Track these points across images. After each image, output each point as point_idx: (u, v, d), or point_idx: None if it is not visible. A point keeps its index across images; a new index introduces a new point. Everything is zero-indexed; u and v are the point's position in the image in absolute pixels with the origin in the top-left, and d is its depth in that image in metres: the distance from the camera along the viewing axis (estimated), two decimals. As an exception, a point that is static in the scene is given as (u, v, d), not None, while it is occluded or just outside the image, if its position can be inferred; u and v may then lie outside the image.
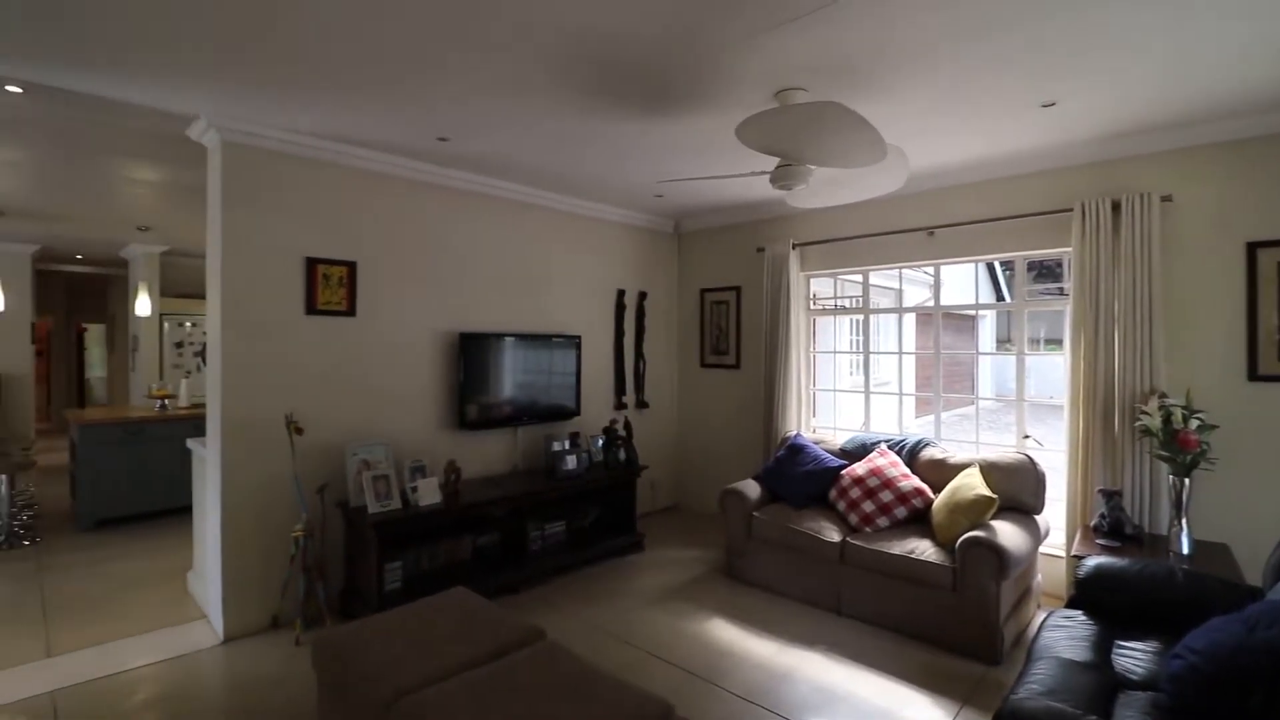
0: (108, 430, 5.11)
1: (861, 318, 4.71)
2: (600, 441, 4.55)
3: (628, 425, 4.59)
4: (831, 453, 4.05)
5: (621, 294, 5.13)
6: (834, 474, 3.79)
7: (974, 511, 3.12)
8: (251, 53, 2.37)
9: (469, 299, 4.12)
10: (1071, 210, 3.46)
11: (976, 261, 4.22)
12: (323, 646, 2.28)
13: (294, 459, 3.26)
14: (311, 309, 3.42)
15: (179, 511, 5.14)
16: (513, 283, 4.37)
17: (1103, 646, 2.21)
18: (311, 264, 3.42)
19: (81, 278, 9.93)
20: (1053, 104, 2.85)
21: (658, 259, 5.48)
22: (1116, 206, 3.32)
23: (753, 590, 3.75)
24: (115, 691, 2.70)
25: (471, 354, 3.97)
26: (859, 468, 3.73)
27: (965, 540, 2.98)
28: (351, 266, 3.56)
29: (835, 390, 4.91)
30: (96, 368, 11.13)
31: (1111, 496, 3.07)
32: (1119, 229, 3.32)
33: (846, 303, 5.07)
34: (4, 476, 4.71)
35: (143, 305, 6.98)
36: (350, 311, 3.56)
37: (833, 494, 3.74)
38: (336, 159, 3.47)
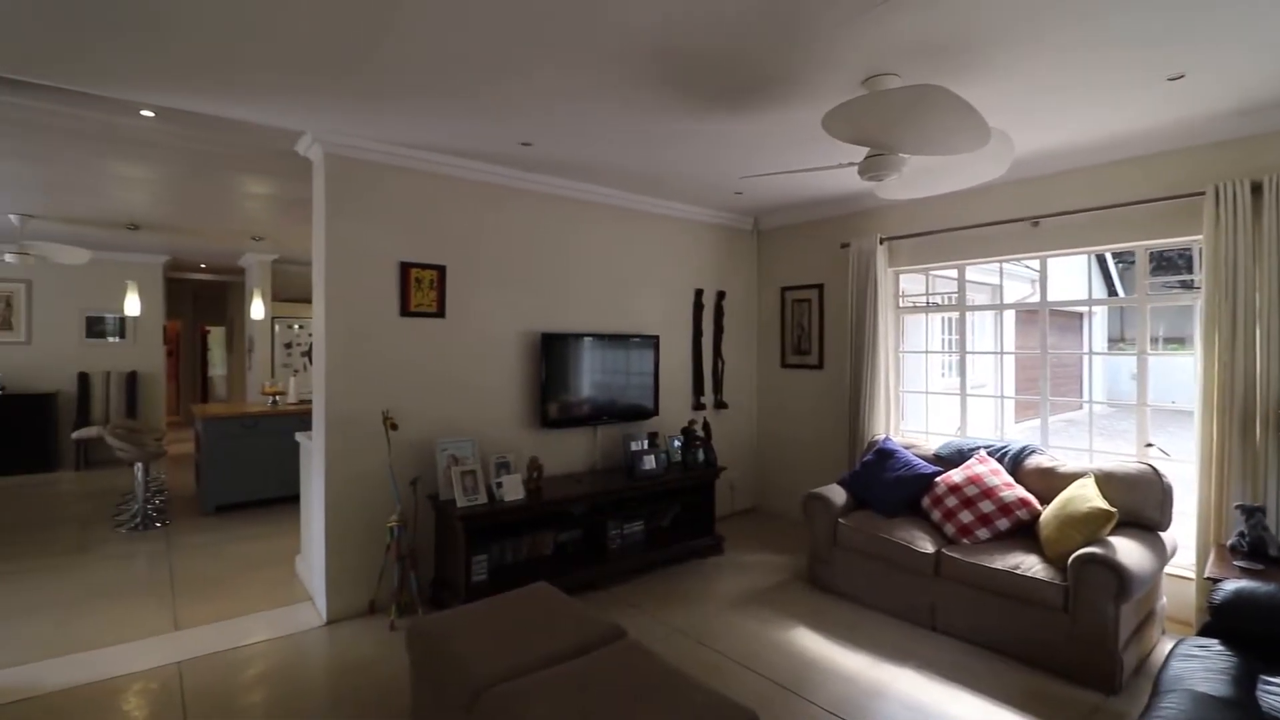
0: (226, 424, 5.58)
1: (956, 315, 4.44)
2: (678, 442, 4.53)
3: (706, 426, 4.54)
4: (924, 458, 3.84)
5: (700, 293, 5.08)
6: (927, 481, 3.59)
7: (1089, 526, 2.87)
8: (351, 72, 2.51)
9: (551, 300, 4.20)
10: (1203, 194, 3.12)
11: (1087, 253, 3.88)
12: (416, 634, 2.38)
13: (390, 453, 3.44)
14: (405, 311, 3.59)
15: (288, 500, 5.52)
16: (593, 283, 4.42)
17: (1245, 681, 1.97)
18: (405, 268, 3.59)
19: (205, 285, 10.93)
20: (1180, 76, 2.58)
21: (736, 257, 5.40)
22: (1257, 188, 2.96)
23: (838, 600, 3.61)
24: (232, 665, 2.93)
25: (552, 354, 4.05)
26: (955, 475, 3.52)
27: (1080, 557, 2.74)
28: (441, 270, 3.71)
29: (926, 393, 4.66)
30: (218, 366, 12.20)
31: (1253, 513, 2.74)
32: (1260, 213, 2.96)
33: (940, 299, 4.80)
34: (139, 465, 5.23)
35: (257, 309, 7.58)
36: (440, 313, 3.71)
37: (926, 502, 3.54)
38: (427, 167, 3.63)
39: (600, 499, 3.85)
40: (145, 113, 2.92)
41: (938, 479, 3.58)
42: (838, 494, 3.80)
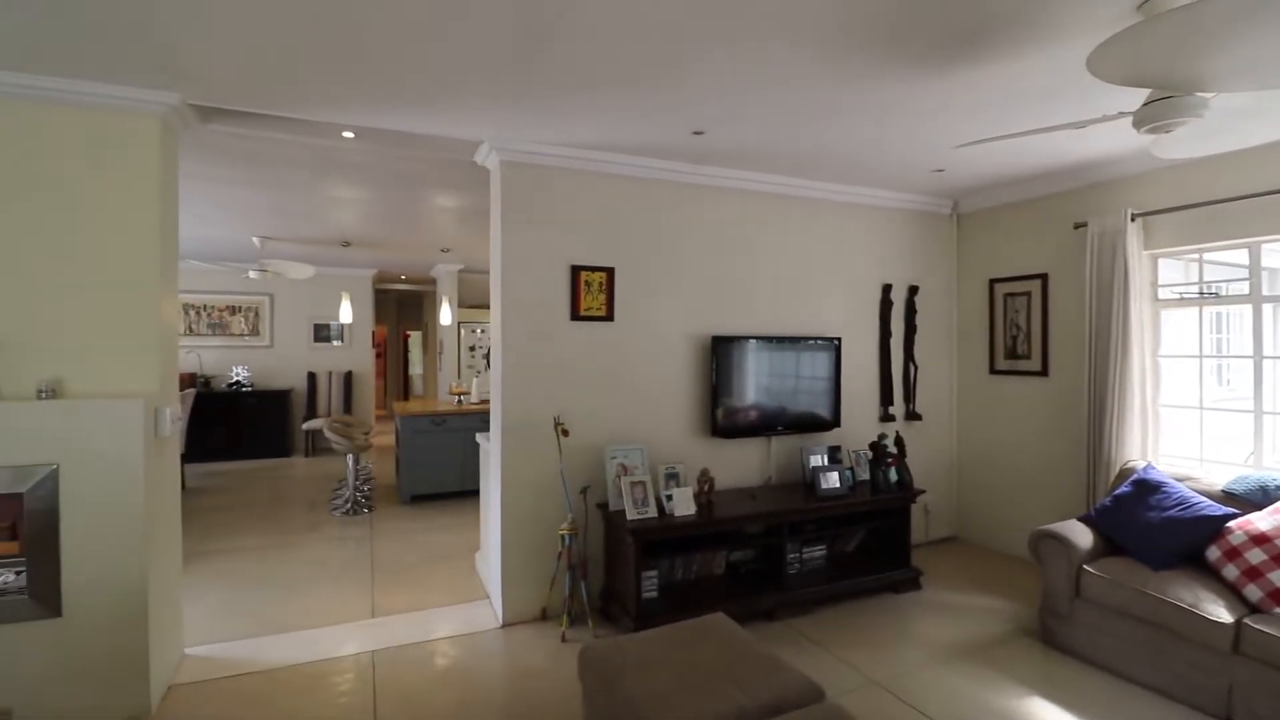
0: (419, 421, 6.04)
1: (1249, 309, 3.42)
2: (863, 457, 4.01)
3: (900, 441, 3.97)
4: (1206, 495, 2.97)
5: (888, 289, 4.49)
6: (1216, 527, 2.75)
7: None
8: (523, 74, 2.43)
9: (721, 301, 3.92)
10: None
11: None
12: (588, 662, 2.22)
13: (561, 459, 3.38)
14: (575, 315, 3.52)
15: (471, 494, 5.85)
16: (767, 281, 4.07)
17: None
18: (575, 271, 3.51)
19: (406, 294, 12.23)
20: None
21: (932, 246, 4.71)
22: None
23: (1082, 667, 2.90)
24: (418, 660, 3.02)
25: (723, 358, 3.76)
26: (1260, 520, 2.66)
27: None
28: (609, 272, 3.60)
29: (1201, 408, 3.64)
30: (417, 366, 13.64)
31: None
32: None
33: (1222, 289, 3.74)
34: (350, 456, 5.82)
35: (445, 315, 8.21)
36: (609, 316, 3.60)
37: (1214, 554, 2.71)
38: (596, 167, 3.53)
39: (778, 518, 3.48)
40: (346, 134, 3.11)
41: (1232, 524, 2.73)
42: (1080, 534, 3.06)
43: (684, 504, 3.31)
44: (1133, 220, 3.58)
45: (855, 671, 2.88)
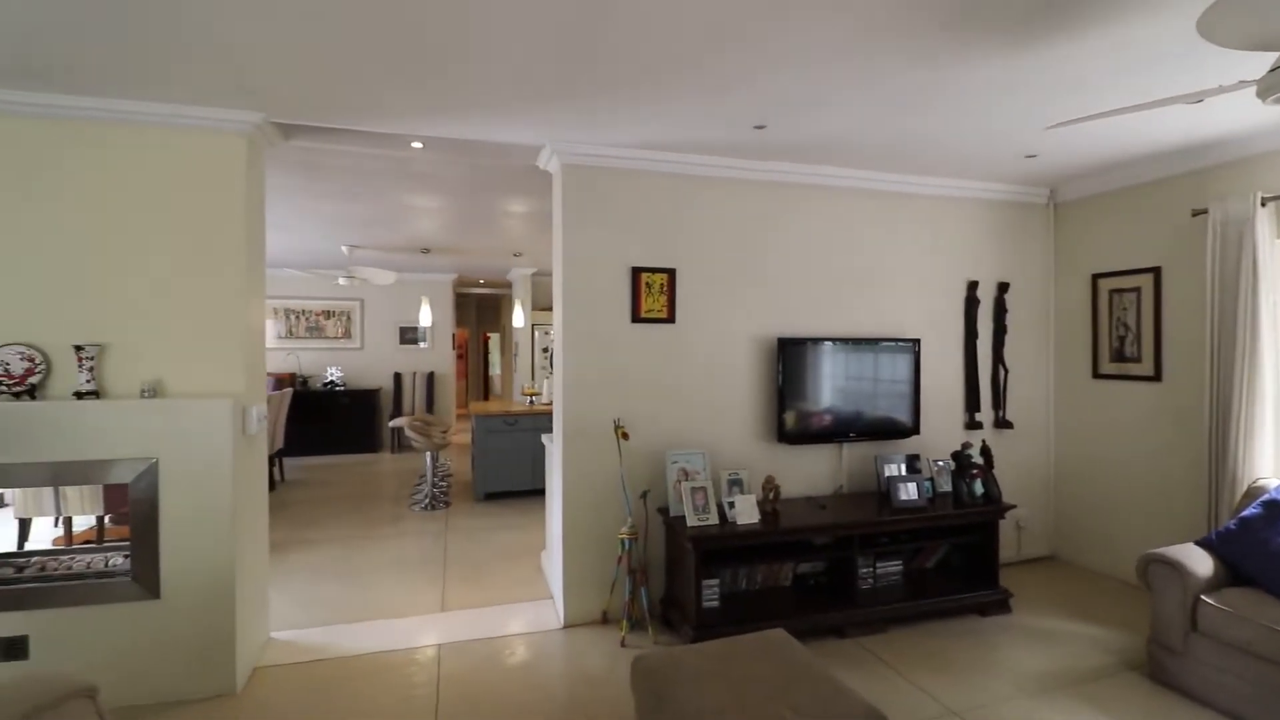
0: (493, 420, 6.21)
1: None
2: (945, 467, 3.75)
3: (986, 451, 3.69)
4: (1359, 520, 2.56)
5: (973, 286, 4.18)
6: (1372, 557, 2.36)
7: None
8: (578, 73, 2.41)
9: (788, 301, 3.78)
10: None
11: None
12: (641, 671, 2.17)
13: (621, 462, 3.35)
14: (636, 317, 3.49)
15: (541, 493, 5.95)
16: (837, 280, 3.88)
17: None
18: (636, 273, 3.48)
19: (485, 297, 12.67)
20: None
21: (1024, 239, 4.34)
22: None
23: (1195, 709, 2.56)
24: (481, 656, 3.07)
25: (791, 361, 3.62)
26: None
27: None
28: (671, 273, 3.54)
29: (1350, 418, 3.16)
30: (496, 367, 14.10)
31: None
32: None
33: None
34: (429, 454, 6.07)
35: (518, 318, 8.42)
36: (670, 318, 3.54)
37: (1369, 589, 2.33)
38: (656, 167, 3.48)
39: (849, 530, 3.30)
40: (415, 144, 3.23)
41: (1393, 556, 2.33)
42: (1197, 559, 2.71)
43: (747, 512, 3.20)
44: (1263, 205, 3.15)
45: (931, 699, 2.68)
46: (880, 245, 3.97)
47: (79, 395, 2.61)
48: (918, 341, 3.88)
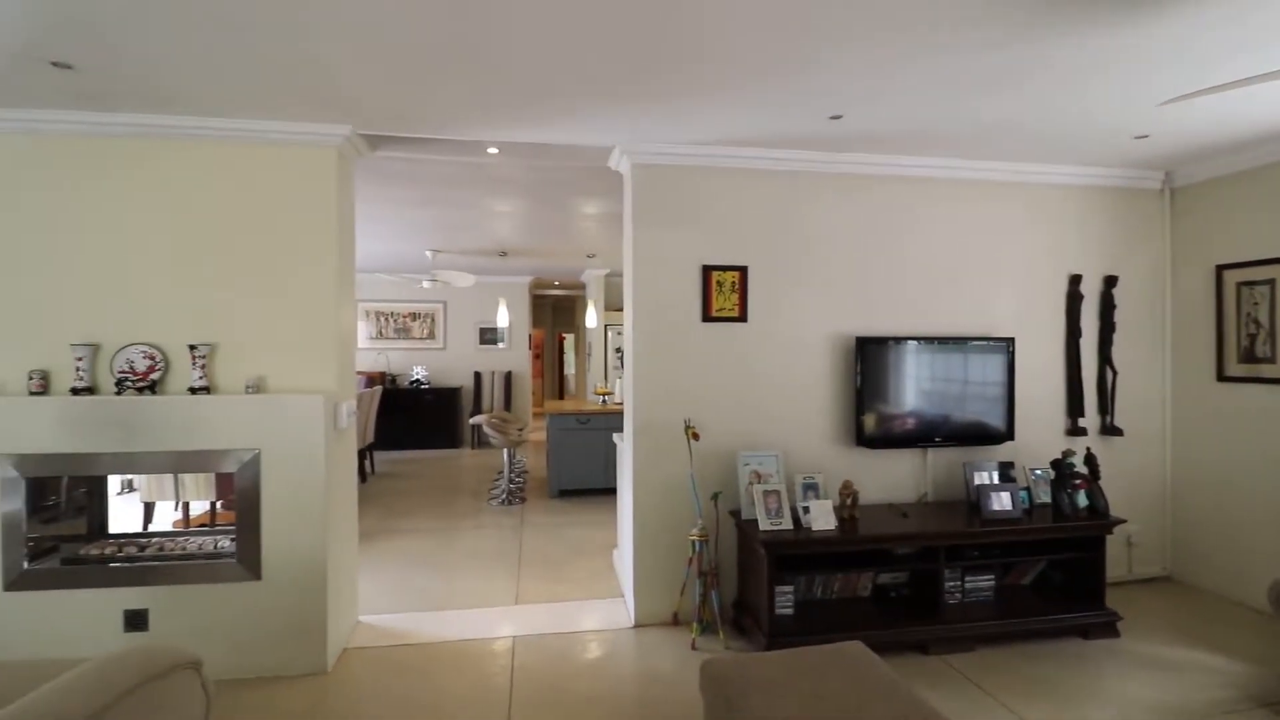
0: (567, 419, 6.32)
1: None
2: (1043, 475, 3.47)
3: (1091, 459, 3.39)
4: None
5: (1076, 280, 3.86)
6: None
7: None
8: (651, 78, 2.41)
9: (866, 298, 3.62)
10: None
11: None
12: (710, 676, 2.13)
13: (692, 462, 3.32)
14: (707, 316, 3.45)
15: (612, 491, 5.99)
16: (919, 276, 3.68)
17: None
18: (707, 271, 3.44)
19: (560, 298, 12.93)
20: None
21: (1134, 229, 3.96)
22: None
23: (1352, 758, 2.25)
24: (554, 651, 3.12)
25: (870, 360, 3.47)
26: None
27: None
28: (743, 271, 3.47)
29: None
30: (570, 367, 14.36)
31: None
32: None
33: None
34: (506, 450, 6.25)
35: (591, 318, 8.53)
36: (741, 317, 3.48)
37: None
38: (727, 163, 3.42)
39: (934, 540, 3.13)
40: (490, 150, 3.32)
41: None
42: (1350, 587, 2.38)
43: (823, 517, 3.09)
44: None
45: (1026, 726, 2.49)
46: (966, 238, 3.74)
47: (193, 390, 2.86)
48: (1011, 341, 3.62)
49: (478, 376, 9.63)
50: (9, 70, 2.36)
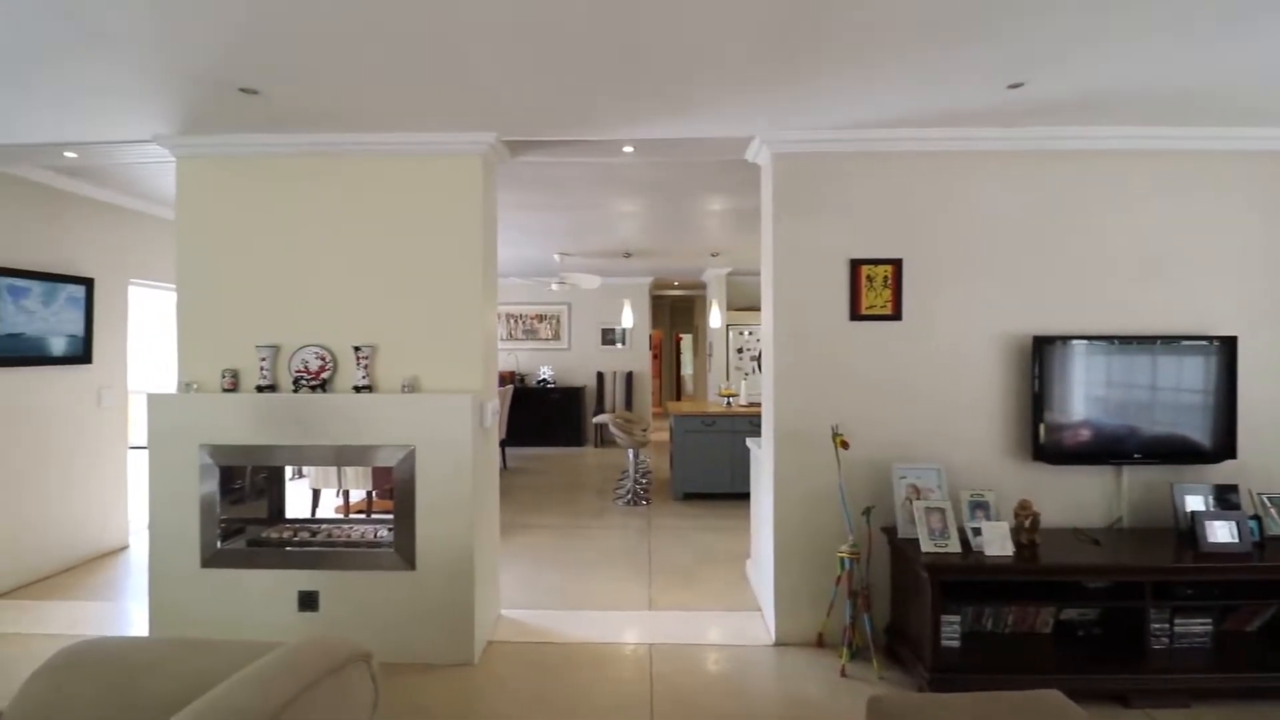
0: (690, 421, 6.21)
1: None
2: (1275, 501, 2.87)
3: (1352, 485, 2.76)
4: None
5: (1321, 267, 3.16)
6: None
7: None
8: (794, 58, 2.23)
9: (1043, 292, 3.18)
10: None
11: None
12: (879, 714, 1.91)
13: (840, 473, 3.08)
14: (855, 314, 3.18)
15: (740, 496, 5.81)
16: (1113, 265, 3.17)
17: None
18: (855, 266, 3.17)
19: (679, 299, 12.88)
20: None
21: None
22: None
23: None
24: (692, 661, 3.01)
25: (1049, 363, 3.04)
26: None
27: None
28: (897, 264, 3.17)
29: None
30: (687, 368, 14.29)
31: None
32: None
33: None
34: (631, 450, 6.24)
35: (714, 318, 8.37)
36: (895, 315, 3.17)
37: None
38: (877, 147, 3.13)
39: (1134, 574, 2.67)
40: (626, 148, 3.27)
41: None
42: None
43: (997, 541, 2.73)
44: None
45: (1277, 811, 2.03)
46: (1171, 220, 3.17)
47: (356, 389, 3.04)
48: (1233, 340, 3.03)
49: (600, 376, 9.79)
50: (207, 98, 2.61)
